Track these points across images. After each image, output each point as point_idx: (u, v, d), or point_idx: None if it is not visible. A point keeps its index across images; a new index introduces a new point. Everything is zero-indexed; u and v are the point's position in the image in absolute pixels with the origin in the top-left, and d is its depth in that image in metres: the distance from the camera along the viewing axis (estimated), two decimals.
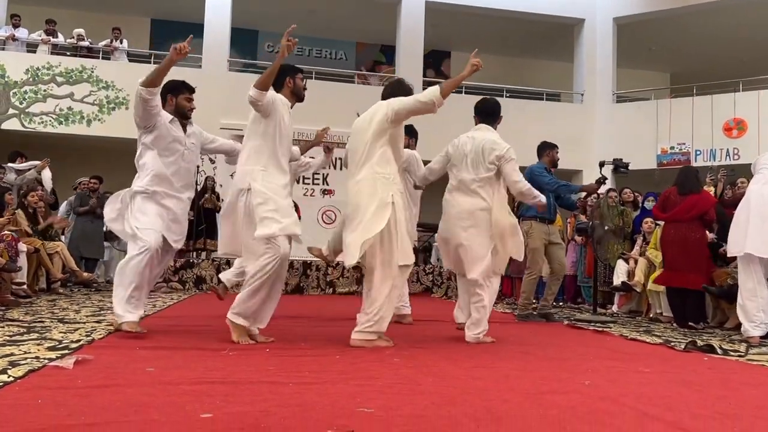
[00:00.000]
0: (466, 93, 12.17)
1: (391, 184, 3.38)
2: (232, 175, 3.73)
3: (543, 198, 4.06)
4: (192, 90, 3.83)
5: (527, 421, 1.85)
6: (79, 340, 3.13)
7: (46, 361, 2.49)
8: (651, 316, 5.92)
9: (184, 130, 3.72)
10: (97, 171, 8.67)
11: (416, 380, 2.44)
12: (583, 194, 6.81)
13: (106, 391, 2.05)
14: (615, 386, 2.44)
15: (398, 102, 3.46)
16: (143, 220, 3.51)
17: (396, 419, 1.81)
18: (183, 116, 3.74)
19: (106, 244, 8.76)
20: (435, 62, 14.87)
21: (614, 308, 6.73)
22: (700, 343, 3.75)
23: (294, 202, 3.84)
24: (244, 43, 13.73)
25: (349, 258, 3.34)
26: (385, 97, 3.64)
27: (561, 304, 7.49)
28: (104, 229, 8.33)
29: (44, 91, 10.62)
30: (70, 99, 10.67)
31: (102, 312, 4.73)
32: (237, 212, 3.38)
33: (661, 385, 2.50)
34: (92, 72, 10.81)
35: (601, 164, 5.73)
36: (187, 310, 5.41)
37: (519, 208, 5.90)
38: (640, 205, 7.15)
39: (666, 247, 5.31)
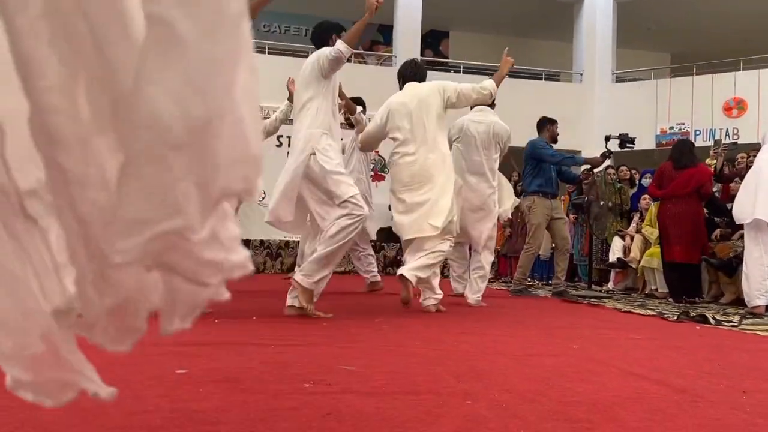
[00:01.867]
0: (464, 73, 12.07)
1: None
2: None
3: None
4: None
5: (509, 377, 1.82)
6: None
7: None
8: (646, 292, 5.89)
9: None
10: None
11: (403, 344, 2.41)
12: (587, 167, 6.75)
13: (85, 350, 2.01)
14: (604, 350, 2.41)
15: (455, 89, 3.67)
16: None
17: (376, 375, 1.78)
18: None
19: None
20: (433, 42, 14.70)
21: (610, 285, 6.71)
22: (693, 313, 3.72)
23: None
24: None
25: (439, 220, 3.48)
26: (406, 77, 3.80)
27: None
28: None
29: None
30: None
31: None
32: (296, 179, 3.16)
33: (651, 350, 2.47)
34: None
35: (607, 138, 5.68)
36: None
37: (520, 183, 5.86)
38: (638, 182, 7.10)
39: (663, 222, 5.26)
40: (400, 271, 3.49)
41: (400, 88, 3.84)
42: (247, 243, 7.67)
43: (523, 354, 2.25)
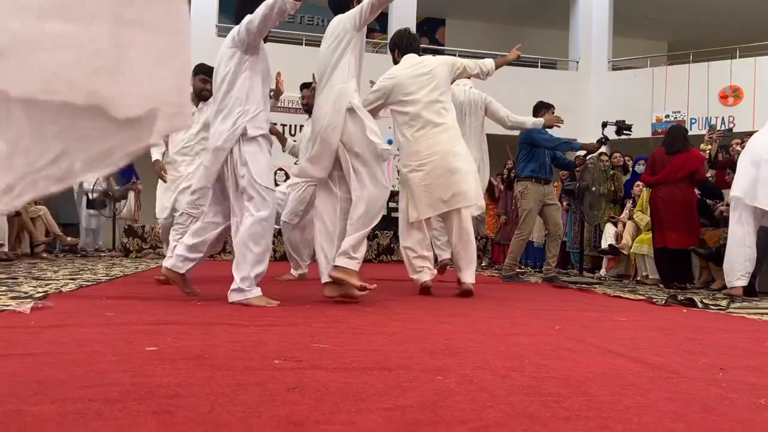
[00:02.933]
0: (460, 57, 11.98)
1: None
2: None
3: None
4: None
5: (484, 355, 1.79)
6: (45, 292, 3.07)
7: (5, 308, 2.43)
8: (638, 279, 5.88)
9: None
10: None
11: (382, 323, 2.39)
12: (582, 153, 6.71)
13: (56, 330, 1.99)
14: (585, 330, 2.39)
15: (462, 63, 3.81)
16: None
17: (348, 352, 1.75)
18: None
19: (92, 212, 8.68)
20: (429, 30, 14.61)
21: (602, 272, 6.69)
22: (681, 297, 3.70)
23: (285, 171, 3.97)
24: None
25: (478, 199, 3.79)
26: (403, 47, 3.81)
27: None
28: (90, 196, 8.26)
29: None
30: None
31: (81, 273, 4.67)
32: (333, 139, 3.03)
33: (633, 330, 2.45)
34: None
35: (604, 124, 5.65)
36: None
37: (514, 169, 5.82)
38: (631, 169, 7.07)
39: (655, 208, 5.23)
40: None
41: (394, 59, 3.83)
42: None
43: (502, 333, 2.23)
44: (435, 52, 13.08)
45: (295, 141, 5.17)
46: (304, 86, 4.75)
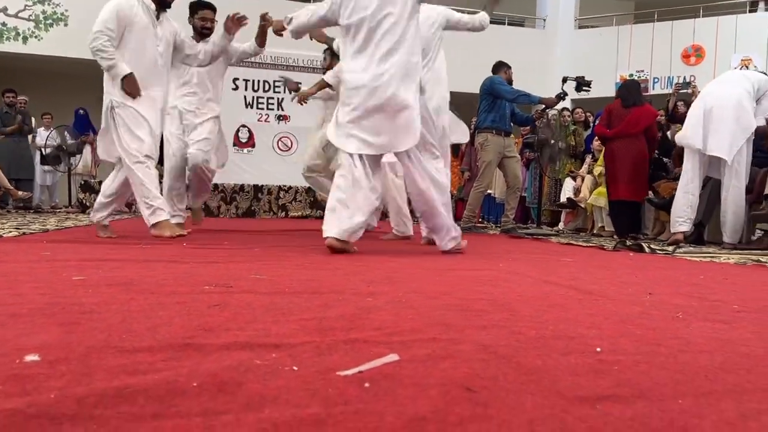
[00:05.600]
0: None
1: None
2: None
3: None
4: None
5: (421, 283, 1.80)
6: None
7: None
8: (594, 231, 5.99)
9: None
10: (34, 92, 8.22)
11: (330, 262, 2.38)
12: (541, 107, 6.73)
13: None
14: (530, 267, 2.42)
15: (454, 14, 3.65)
16: None
17: (285, 281, 1.74)
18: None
19: (46, 168, 8.42)
20: None
21: (560, 225, 6.80)
22: (629, 243, 3.78)
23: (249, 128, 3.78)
24: None
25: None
26: None
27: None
28: (44, 151, 7.99)
29: None
30: (3, 14, 9.97)
31: (29, 225, 4.54)
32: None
33: (576, 268, 2.49)
34: None
35: (564, 80, 5.65)
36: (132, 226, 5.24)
37: (476, 120, 5.80)
38: (592, 124, 7.12)
39: (611, 161, 5.29)
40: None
41: None
42: None
43: (446, 269, 2.24)
44: None
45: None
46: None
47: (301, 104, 4.44)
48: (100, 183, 7.91)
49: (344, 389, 0.74)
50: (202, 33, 3.89)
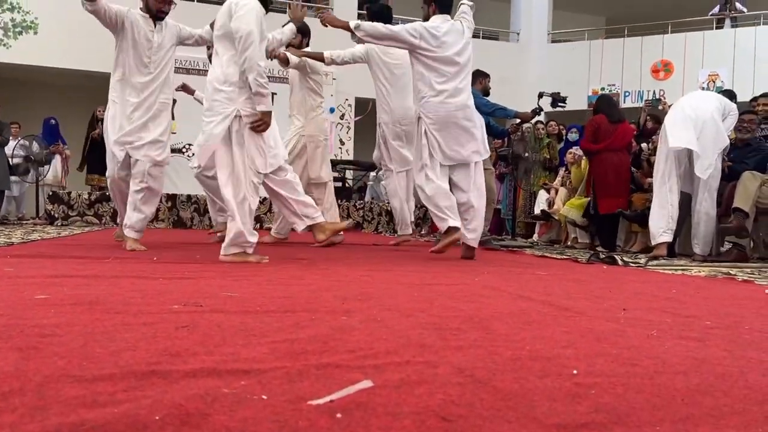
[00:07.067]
0: None
1: None
2: None
3: None
4: None
5: (396, 299, 1.77)
6: None
7: None
8: (568, 243, 6.04)
9: None
10: (1, 101, 8.01)
11: (302, 277, 2.34)
12: (517, 121, 6.79)
13: None
14: (504, 282, 2.41)
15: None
16: None
17: (257, 299, 1.70)
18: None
19: (13, 178, 8.20)
20: None
21: (535, 237, 6.85)
22: (602, 256, 3.81)
23: None
24: None
25: None
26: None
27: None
28: (10, 162, 7.78)
29: None
30: None
31: None
32: None
33: (550, 281, 2.49)
34: None
35: (540, 95, 5.71)
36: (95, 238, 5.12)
37: None
38: (564, 137, 7.22)
39: (603, 174, 5.29)
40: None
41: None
42: (173, 198, 7.40)
43: (421, 283, 2.22)
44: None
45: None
46: None
47: (279, 61, 4.32)
48: (69, 194, 7.75)
49: (315, 420, 0.71)
50: (157, 16, 3.54)
